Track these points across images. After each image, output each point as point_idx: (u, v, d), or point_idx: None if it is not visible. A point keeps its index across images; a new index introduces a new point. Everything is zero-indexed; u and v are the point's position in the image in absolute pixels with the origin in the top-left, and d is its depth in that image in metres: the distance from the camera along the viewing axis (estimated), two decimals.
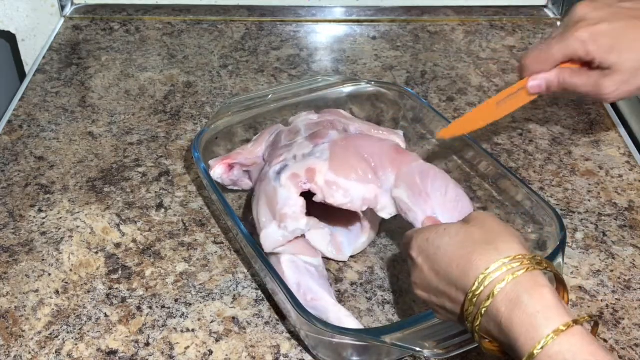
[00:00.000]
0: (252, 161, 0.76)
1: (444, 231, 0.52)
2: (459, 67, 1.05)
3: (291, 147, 0.71)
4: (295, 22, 1.17)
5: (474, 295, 0.47)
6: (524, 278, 0.46)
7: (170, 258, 0.72)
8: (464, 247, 0.50)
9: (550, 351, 0.44)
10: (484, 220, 0.52)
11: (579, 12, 0.68)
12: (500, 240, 0.49)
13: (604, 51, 0.66)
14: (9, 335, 0.64)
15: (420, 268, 0.53)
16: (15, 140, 0.89)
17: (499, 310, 0.46)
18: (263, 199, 0.67)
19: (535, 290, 0.46)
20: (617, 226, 0.76)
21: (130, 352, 0.63)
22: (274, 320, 0.66)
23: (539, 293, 0.46)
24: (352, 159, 0.67)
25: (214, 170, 0.75)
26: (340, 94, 0.85)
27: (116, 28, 1.15)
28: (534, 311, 0.45)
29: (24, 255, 0.72)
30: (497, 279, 0.47)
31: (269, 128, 0.79)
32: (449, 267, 0.50)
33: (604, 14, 0.67)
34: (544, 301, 0.45)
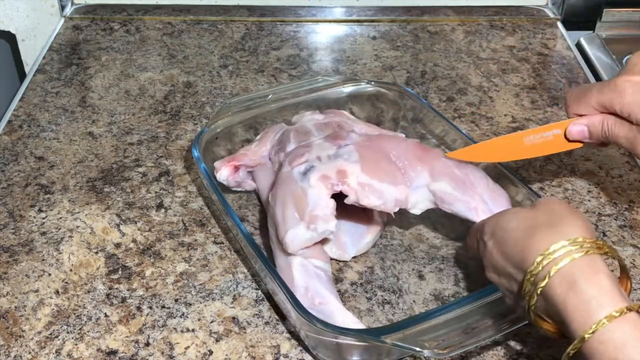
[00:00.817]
0: (257, 162, 0.76)
1: (513, 215, 0.53)
2: (459, 67, 1.05)
3: (310, 147, 0.70)
4: (295, 22, 1.17)
5: (531, 275, 0.48)
6: (581, 261, 0.47)
7: (170, 258, 0.72)
8: (528, 229, 0.51)
9: (602, 337, 0.44)
10: (552, 205, 0.52)
11: (633, 59, 0.60)
12: (564, 223, 0.49)
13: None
14: (9, 335, 0.64)
15: (490, 251, 0.54)
16: (15, 140, 0.89)
17: (555, 292, 0.47)
18: (289, 200, 0.66)
19: (591, 275, 0.46)
20: (617, 226, 0.76)
21: (130, 352, 0.63)
22: (274, 320, 0.66)
23: (596, 278, 0.46)
24: (382, 161, 0.68)
25: (220, 172, 0.75)
26: (341, 94, 0.84)
27: (116, 28, 1.15)
28: (589, 296, 0.45)
29: (24, 255, 0.72)
30: (555, 261, 0.47)
31: (271, 128, 0.79)
32: (513, 248, 0.51)
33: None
34: (600, 287, 0.46)
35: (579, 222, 0.50)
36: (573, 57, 1.08)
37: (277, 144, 0.76)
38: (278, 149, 0.75)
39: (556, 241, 0.48)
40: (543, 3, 1.21)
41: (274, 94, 0.82)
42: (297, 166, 0.67)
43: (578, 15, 1.18)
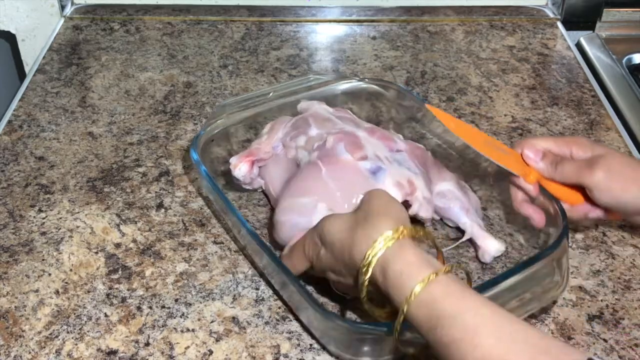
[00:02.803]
0: (270, 154, 0.76)
1: (335, 218, 0.59)
2: (459, 67, 1.05)
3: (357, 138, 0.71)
4: (295, 22, 1.17)
5: (359, 272, 0.54)
6: (393, 248, 0.53)
7: (170, 258, 0.72)
8: (350, 231, 0.56)
9: (416, 303, 0.50)
10: (370, 201, 0.58)
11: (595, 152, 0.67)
12: (377, 220, 0.55)
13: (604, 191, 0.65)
14: (9, 335, 0.64)
15: (324, 257, 0.60)
16: (15, 140, 0.89)
17: (377, 279, 0.54)
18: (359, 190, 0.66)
19: (400, 255, 0.52)
20: (617, 226, 0.76)
21: (130, 352, 0.63)
22: (274, 320, 0.66)
23: (403, 256, 0.52)
24: (430, 174, 0.73)
25: (239, 168, 0.74)
26: (334, 92, 0.85)
27: (116, 28, 1.15)
28: (398, 272, 0.52)
29: (24, 255, 0.72)
30: (373, 253, 0.53)
31: (277, 120, 0.78)
32: (342, 248, 0.57)
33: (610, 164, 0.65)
34: (407, 262, 0.52)
35: (390, 216, 0.55)
36: (573, 57, 1.08)
37: (292, 130, 0.76)
38: (295, 134, 0.75)
39: (374, 238, 0.54)
40: (543, 3, 1.21)
41: (267, 94, 0.82)
42: (360, 160, 0.69)
43: (578, 15, 1.18)
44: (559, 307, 0.67)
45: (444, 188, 0.73)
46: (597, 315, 0.66)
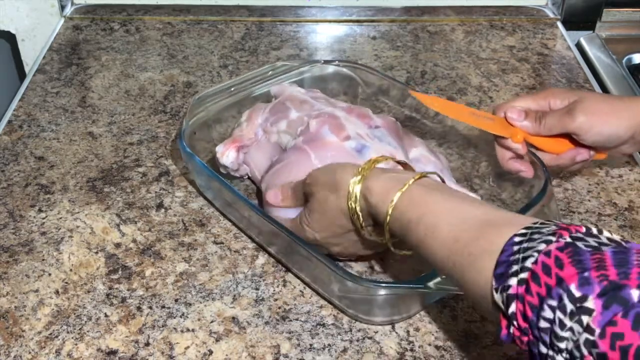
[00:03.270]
0: (252, 141, 0.78)
1: (309, 213, 0.64)
2: (459, 67, 1.05)
3: (337, 118, 0.73)
4: (295, 22, 1.17)
5: (354, 221, 0.61)
6: (361, 186, 0.60)
7: (170, 258, 0.72)
8: (327, 208, 0.62)
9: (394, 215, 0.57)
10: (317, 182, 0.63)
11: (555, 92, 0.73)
12: (338, 181, 0.61)
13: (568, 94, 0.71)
14: (9, 335, 0.64)
15: (327, 241, 0.65)
16: (15, 140, 0.89)
17: (368, 216, 0.60)
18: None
19: (367, 189, 0.59)
20: (617, 226, 0.76)
21: (130, 352, 0.63)
22: (274, 320, 0.66)
23: (370, 188, 0.59)
24: (404, 143, 0.76)
25: (226, 155, 0.76)
26: (303, 76, 0.87)
27: (116, 28, 1.15)
28: (374, 203, 0.58)
29: (24, 255, 0.72)
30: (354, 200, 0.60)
31: (254, 107, 0.80)
32: (335, 222, 0.63)
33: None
34: (375, 192, 0.58)
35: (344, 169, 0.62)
36: (573, 57, 1.08)
37: (271, 115, 0.78)
38: (275, 119, 0.77)
39: (347, 191, 0.60)
40: (543, 3, 1.21)
41: (239, 83, 0.84)
42: (344, 140, 0.71)
43: (578, 15, 1.18)
44: None
45: (417, 154, 0.76)
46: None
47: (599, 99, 0.70)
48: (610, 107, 0.69)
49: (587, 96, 0.70)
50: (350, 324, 0.65)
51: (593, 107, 0.69)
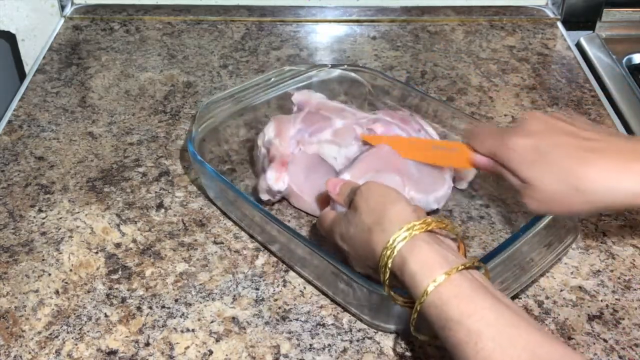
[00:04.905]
0: (291, 157, 0.76)
1: (349, 222, 0.61)
2: (459, 67, 1.05)
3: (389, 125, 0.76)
4: (295, 22, 1.17)
5: (380, 272, 0.57)
6: (405, 247, 0.55)
7: (170, 258, 0.72)
8: (364, 234, 0.59)
9: (427, 302, 0.52)
10: (367, 201, 0.60)
11: (523, 122, 0.63)
12: (385, 219, 0.57)
13: (525, 165, 0.60)
14: (9, 335, 0.64)
15: (348, 252, 0.63)
16: (15, 140, 0.89)
17: (396, 275, 0.55)
18: None
19: (411, 255, 0.54)
20: (617, 226, 0.76)
21: (130, 352, 0.63)
22: (274, 320, 0.66)
23: (414, 256, 0.54)
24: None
25: (282, 180, 0.74)
26: (313, 80, 0.88)
27: (116, 28, 1.15)
28: (413, 272, 0.53)
29: (24, 255, 0.72)
30: (390, 256, 0.55)
31: (280, 120, 0.78)
32: (364, 251, 0.59)
33: (540, 128, 0.61)
34: (420, 262, 0.53)
35: (394, 210, 0.57)
36: (573, 57, 1.08)
37: (306, 126, 0.76)
38: (314, 130, 0.76)
39: (386, 239, 0.56)
40: (543, 3, 1.21)
41: (246, 89, 0.84)
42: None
43: (578, 15, 1.18)
44: (559, 307, 0.67)
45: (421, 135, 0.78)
46: (597, 315, 0.66)
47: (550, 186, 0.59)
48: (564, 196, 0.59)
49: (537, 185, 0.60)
50: (350, 324, 0.65)
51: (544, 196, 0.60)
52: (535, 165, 0.60)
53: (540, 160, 0.60)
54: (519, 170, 0.61)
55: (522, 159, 0.61)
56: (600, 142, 0.59)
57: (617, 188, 0.57)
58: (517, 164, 0.61)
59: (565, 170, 0.58)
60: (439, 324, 0.51)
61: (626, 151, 0.58)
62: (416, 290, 0.53)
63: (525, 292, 0.68)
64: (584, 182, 0.57)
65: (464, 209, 0.78)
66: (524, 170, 0.61)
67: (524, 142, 0.61)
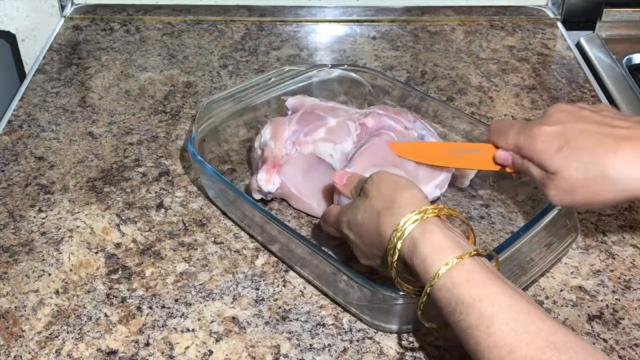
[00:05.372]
0: (285, 157, 0.76)
1: (356, 209, 0.60)
2: (459, 67, 1.05)
3: (381, 118, 0.76)
4: (295, 22, 1.17)
5: (389, 251, 0.56)
6: (418, 228, 0.54)
7: (170, 258, 0.72)
8: (373, 219, 0.58)
9: (438, 285, 0.51)
10: (379, 188, 0.59)
11: (547, 112, 0.63)
12: (396, 203, 0.57)
13: (550, 153, 0.60)
14: (9, 335, 0.64)
15: (355, 242, 0.62)
16: (15, 140, 0.89)
17: (405, 259, 0.55)
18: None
19: (423, 237, 0.53)
20: (617, 226, 0.76)
21: (130, 352, 0.63)
22: (274, 320, 0.66)
23: (429, 238, 0.53)
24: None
25: (272, 182, 0.74)
26: (313, 80, 0.88)
27: (116, 28, 1.15)
28: (424, 255, 0.53)
29: (24, 255, 0.72)
30: (399, 237, 0.55)
31: (275, 122, 0.78)
32: (371, 237, 0.59)
33: (566, 117, 0.61)
34: (432, 245, 0.53)
35: (405, 196, 0.57)
36: (573, 57, 1.08)
37: (301, 127, 0.76)
38: (309, 129, 0.76)
39: (396, 222, 0.55)
40: (543, 3, 1.21)
41: (246, 89, 0.84)
42: (405, 129, 0.75)
43: (578, 15, 1.18)
44: (559, 307, 0.67)
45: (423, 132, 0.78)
46: (597, 315, 0.66)
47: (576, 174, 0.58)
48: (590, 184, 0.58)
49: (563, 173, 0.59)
50: (350, 324, 0.65)
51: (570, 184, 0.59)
52: (562, 153, 0.59)
53: (567, 147, 0.59)
54: (544, 159, 0.60)
55: (548, 147, 0.60)
56: (630, 130, 0.58)
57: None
58: (544, 152, 0.60)
59: (594, 157, 0.57)
60: (448, 307, 0.51)
61: None
62: (426, 273, 0.52)
63: (525, 292, 0.68)
64: (613, 170, 0.57)
65: (464, 209, 0.78)
66: (550, 159, 0.60)
67: (550, 129, 0.60)
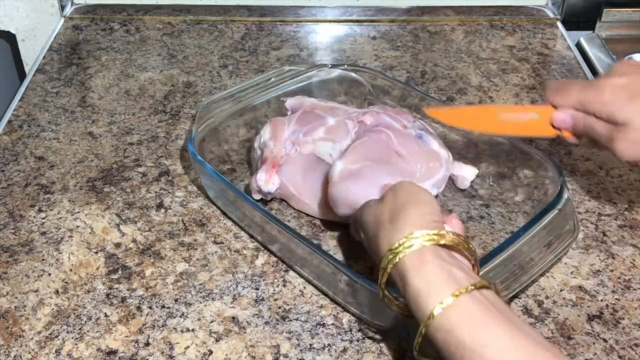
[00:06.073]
0: (284, 158, 0.76)
1: (368, 209, 0.58)
2: (459, 67, 1.05)
3: (380, 116, 0.76)
4: (295, 22, 1.17)
5: (379, 273, 0.53)
6: (412, 255, 0.50)
7: (170, 258, 0.72)
8: (376, 227, 0.55)
9: (435, 326, 0.48)
10: (395, 195, 0.56)
11: (613, 67, 0.63)
12: (401, 218, 0.53)
13: (619, 104, 0.59)
14: (9, 335, 0.64)
15: (364, 240, 0.60)
16: (15, 140, 0.89)
17: (398, 287, 0.52)
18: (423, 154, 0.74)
19: (417, 268, 0.50)
20: (617, 226, 0.76)
21: (130, 352, 0.63)
22: (274, 320, 0.66)
23: (421, 270, 0.49)
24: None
25: (271, 182, 0.74)
26: (313, 80, 0.88)
27: (116, 28, 1.15)
28: (417, 290, 0.49)
29: (24, 255, 0.72)
30: (391, 261, 0.51)
31: (275, 123, 0.78)
32: (371, 244, 0.57)
33: (633, 70, 0.61)
34: (425, 278, 0.49)
35: (414, 213, 0.53)
36: (573, 57, 1.08)
37: (300, 126, 0.76)
38: (308, 129, 0.76)
39: (394, 240, 0.52)
40: (543, 3, 1.21)
41: (246, 89, 0.84)
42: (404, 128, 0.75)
43: (578, 15, 1.18)
44: (559, 307, 0.67)
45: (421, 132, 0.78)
46: (597, 315, 0.66)
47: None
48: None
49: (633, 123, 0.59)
50: (350, 324, 0.65)
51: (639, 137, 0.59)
52: (632, 103, 0.58)
53: (636, 97, 0.58)
54: (614, 111, 0.59)
55: (618, 98, 0.59)
56: None
57: None
58: (613, 104, 0.59)
59: None
60: (448, 349, 0.47)
61: None
62: (420, 310, 0.49)
63: (525, 292, 0.68)
64: None
65: (464, 209, 0.78)
66: (620, 110, 0.58)
67: (618, 81, 0.60)
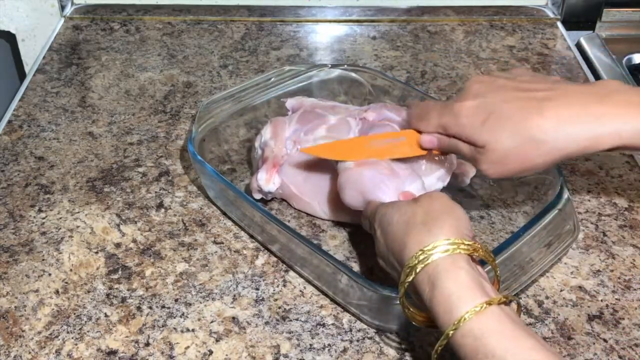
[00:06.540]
0: (285, 157, 0.76)
1: (397, 208, 0.57)
2: (459, 67, 1.05)
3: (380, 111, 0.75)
4: (295, 22, 1.17)
5: (406, 269, 0.52)
6: (445, 260, 0.50)
7: (170, 258, 0.72)
8: (407, 226, 0.55)
9: (463, 331, 0.47)
10: (432, 201, 0.56)
11: (466, 86, 0.62)
12: (437, 224, 0.53)
13: (475, 128, 0.59)
14: (9, 335, 0.64)
15: (378, 240, 0.59)
16: (15, 140, 0.89)
17: (421, 288, 0.51)
18: None
19: (452, 273, 0.50)
20: (617, 226, 0.76)
21: (130, 352, 0.63)
22: (274, 320, 0.66)
23: (456, 275, 0.49)
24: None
25: (272, 182, 0.74)
26: (313, 80, 0.88)
27: (116, 28, 1.15)
28: (449, 292, 0.49)
29: (24, 255, 0.72)
30: (420, 259, 0.51)
31: (275, 122, 0.78)
32: (394, 242, 0.55)
33: (484, 89, 0.60)
34: (459, 283, 0.49)
35: (450, 222, 0.53)
36: (573, 57, 1.08)
37: (302, 125, 0.76)
38: (310, 128, 0.75)
39: (427, 242, 0.52)
40: (543, 3, 1.21)
41: (246, 89, 0.84)
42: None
43: (578, 15, 1.18)
44: (559, 307, 0.67)
45: None
46: (597, 315, 0.66)
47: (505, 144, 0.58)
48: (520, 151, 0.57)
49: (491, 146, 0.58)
50: (350, 324, 0.65)
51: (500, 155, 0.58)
52: (487, 125, 0.58)
53: (491, 119, 0.58)
54: (471, 134, 0.59)
55: (472, 122, 0.59)
56: (552, 91, 0.58)
57: (577, 134, 0.55)
58: (468, 128, 0.59)
59: (519, 124, 0.57)
60: (475, 356, 0.47)
61: (587, 94, 0.57)
62: (449, 313, 0.48)
63: (525, 292, 0.68)
64: (540, 132, 0.56)
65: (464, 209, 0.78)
66: (477, 134, 0.59)
67: (471, 104, 0.60)
